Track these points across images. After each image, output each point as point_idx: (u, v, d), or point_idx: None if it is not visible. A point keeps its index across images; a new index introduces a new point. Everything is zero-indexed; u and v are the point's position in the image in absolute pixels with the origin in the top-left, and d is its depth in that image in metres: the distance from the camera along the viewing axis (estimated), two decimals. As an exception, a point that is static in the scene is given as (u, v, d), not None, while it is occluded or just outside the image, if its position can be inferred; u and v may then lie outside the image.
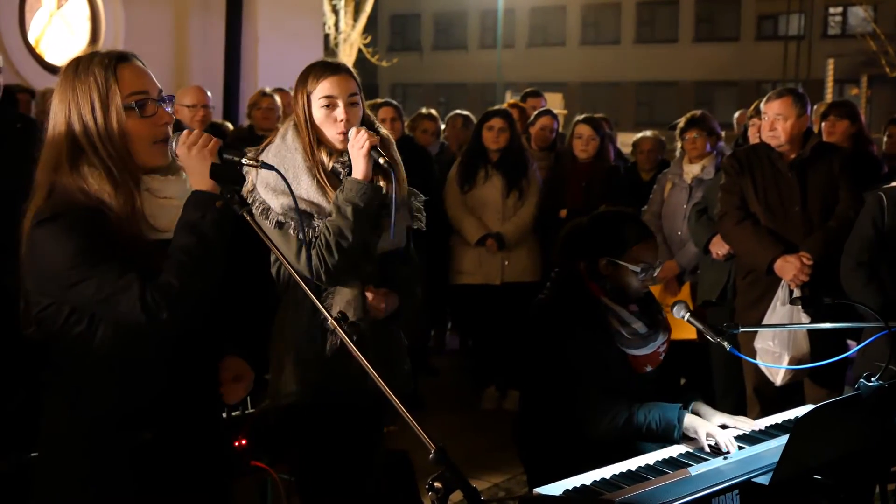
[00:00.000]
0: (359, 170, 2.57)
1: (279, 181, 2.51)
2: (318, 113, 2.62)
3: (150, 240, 1.97)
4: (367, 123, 2.70)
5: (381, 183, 2.62)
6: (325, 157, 2.65)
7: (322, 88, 2.62)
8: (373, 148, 2.56)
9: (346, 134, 2.61)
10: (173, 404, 2.00)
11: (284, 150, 2.64)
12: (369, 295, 2.64)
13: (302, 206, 2.56)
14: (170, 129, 2.03)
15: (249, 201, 2.54)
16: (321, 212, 2.58)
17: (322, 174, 2.62)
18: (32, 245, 1.91)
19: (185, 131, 2.01)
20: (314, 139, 2.62)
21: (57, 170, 1.95)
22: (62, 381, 1.99)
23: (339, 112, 2.61)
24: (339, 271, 2.56)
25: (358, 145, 2.56)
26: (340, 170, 2.65)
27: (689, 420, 2.66)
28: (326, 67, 2.66)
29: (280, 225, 2.55)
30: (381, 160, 2.55)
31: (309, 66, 2.72)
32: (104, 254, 1.87)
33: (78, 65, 1.99)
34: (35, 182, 1.98)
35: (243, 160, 2.04)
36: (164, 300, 1.86)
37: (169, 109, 2.03)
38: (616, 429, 2.73)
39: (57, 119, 1.98)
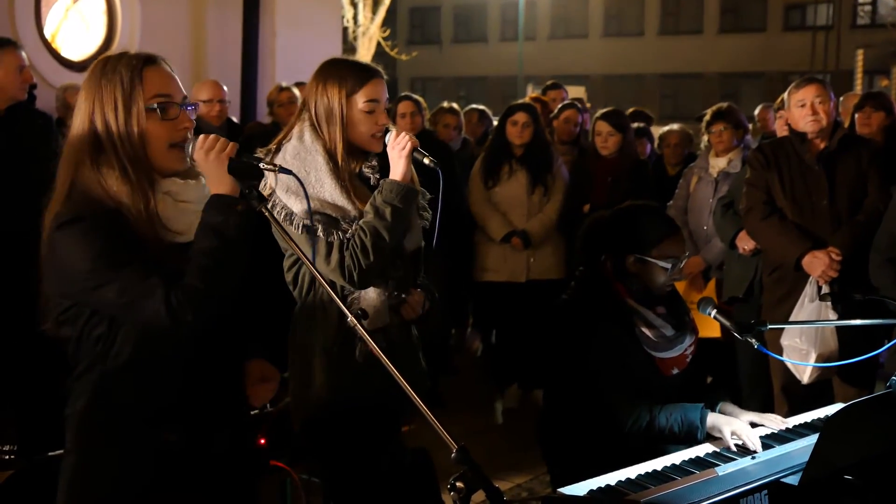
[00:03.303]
0: (399, 171, 2.56)
1: (300, 184, 2.49)
2: (359, 115, 2.60)
3: (167, 243, 1.98)
4: None
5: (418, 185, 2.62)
6: (352, 161, 2.63)
7: (368, 91, 2.60)
8: (414, 149, 2.56)
9: (380, 137, 2.61)
10: (195, 405, 2.01)
11: (304, 151, 2.59)
12: (411, 297, 2.63)
13: (326, 210, 2.53)
14: (189, 134, 2.04)
15: (269, 205, 2.51)
16: (346, 216, 2.55)
17: (348, 178, 2.59)
18: (53, 247, 1.92)
19: (201, 136, 2.01)
20: (345, 141, 2.60)
21: (78, 167, 1.97)
22: (85, 383, 1.99)
23: (382, 116, 2.62)
24: (372, 273, 2.54)
25: (399, 147, 2.56)
26: (370, 174, 2.65)
27: (713, 419, 2.61)
28: (370, 70, 2.64)
29: (307, 229, 2.50)
30: (425, 160, 2.56)
31: (338, 63, 2.68)
32: (126, 256, 1.89)
33: (106, 64, 2.01)
34: (56, 178, 2.00)
35: (261, 164, 2.05)
36: (189, 303, 1.88)
37: (192, 116, 2.05)
38: (639, 431, 2.68)
39: (81, 117, 2.00)
